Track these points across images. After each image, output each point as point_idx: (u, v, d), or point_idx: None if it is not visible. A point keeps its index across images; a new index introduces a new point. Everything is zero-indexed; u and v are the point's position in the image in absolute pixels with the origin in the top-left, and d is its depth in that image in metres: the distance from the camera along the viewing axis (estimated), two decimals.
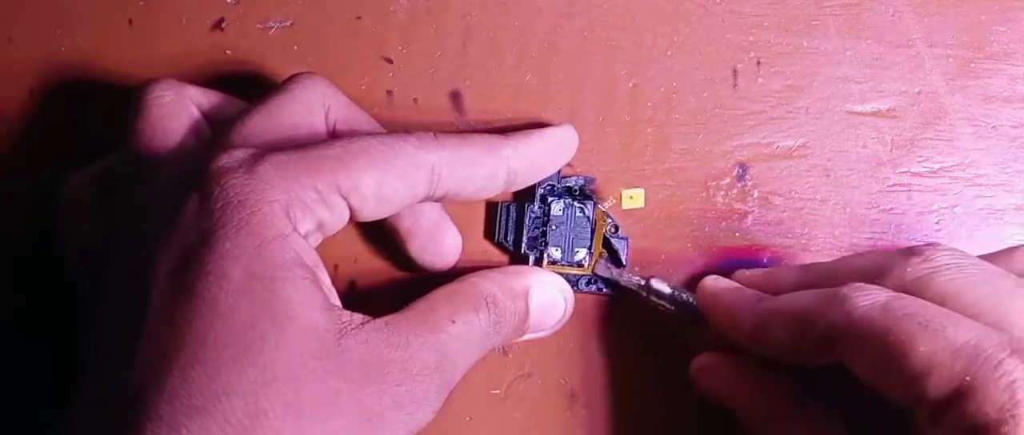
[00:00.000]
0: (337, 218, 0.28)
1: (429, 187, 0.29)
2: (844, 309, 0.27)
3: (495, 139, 0.31)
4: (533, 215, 0.34)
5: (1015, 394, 0.24)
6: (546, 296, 0.32)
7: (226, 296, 0.25)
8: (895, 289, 0.28)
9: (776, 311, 0.29)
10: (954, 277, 0.28)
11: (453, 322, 0.28)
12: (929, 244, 0.29)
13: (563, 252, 0.34)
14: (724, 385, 0.32)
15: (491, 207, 0.35)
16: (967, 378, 0.24)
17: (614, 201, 0.34)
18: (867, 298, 0.27)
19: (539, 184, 0.34)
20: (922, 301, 0.27)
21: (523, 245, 0.34)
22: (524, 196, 0.34)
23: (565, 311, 0.33)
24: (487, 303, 0.29)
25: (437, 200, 0.30)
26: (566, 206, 0.34)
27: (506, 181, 0.31)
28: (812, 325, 0.28)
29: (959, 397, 0.24)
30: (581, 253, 0.34)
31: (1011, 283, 0.28)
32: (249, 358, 0.24)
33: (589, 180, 0.34)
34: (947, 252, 0.29)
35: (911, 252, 0.29)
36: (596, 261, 0.34)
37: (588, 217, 0.34)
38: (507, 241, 0.34)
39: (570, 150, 0.33)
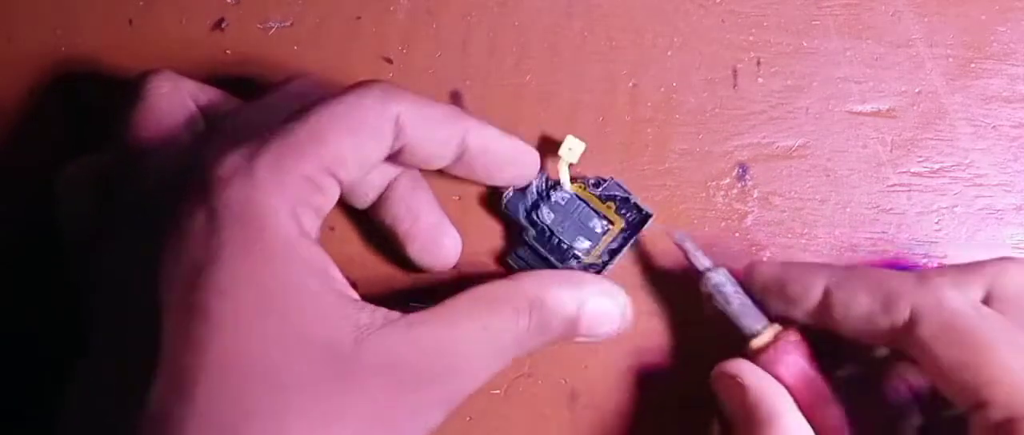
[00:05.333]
0: (330, 196, 0.28)
1: (393, 139, 0.28)
2: (935, 297, 0.27)
3: (457, 109, 0.30)
4: (535, 235, 0.33)
5: None
6: (599, 305, 0.30)
7: (242, 317, 0.25)
8: (985, 291, 0.29)
9: (859, 278, 0.29)
10: None
11: (485, 329, 0.27)
12: (1017, 257, 0.30)
13: (588, 238, 0.33)
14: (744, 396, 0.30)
15: (505, 265, 0.34)
16: None
17: (571, 162, 0.33)
18: (960, 296, 0.27)
19: (517, 214, 0.33)
20: (1007, 318, 0.27)
21: (557, 263, 0.33)
22: (518, 238, 0.34)
23: (621, 320, 0.31)
24: (530, 311, 0.28)
25: (394, 156, 0.29)
26: (551, 207, 0.33)
27: (456, 154, 0.30)
28: (896, 303, 0.28)
29: (1020, 418, 0.25)
30: (598, 225, 0.33)
31: None
32: (270, 379, 0.25)
33: (542, 176, 0.33)
34: None
35: (1008, 260, 0.30)
36: (619, 228, 0.33)
37: (573, 197, 0.34)
38: None
39: (526, 168, 0.32)
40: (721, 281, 0.32)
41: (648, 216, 0.34)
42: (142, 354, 0.25)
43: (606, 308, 0.30)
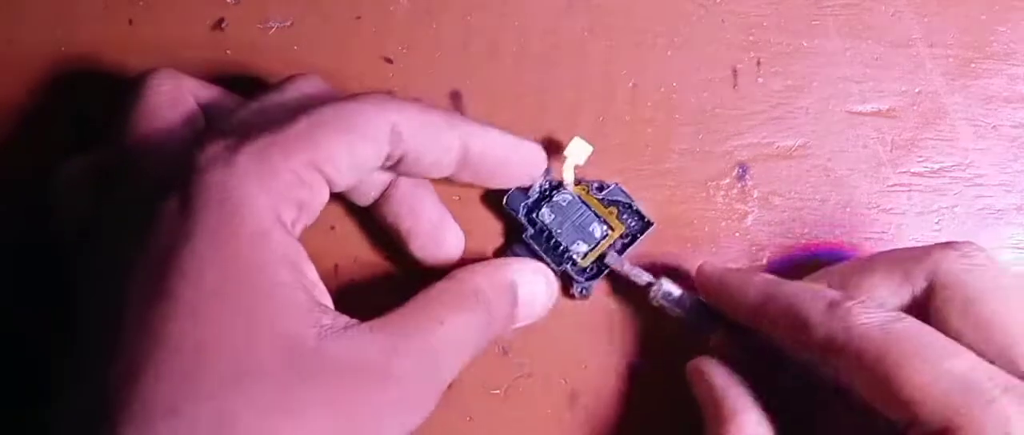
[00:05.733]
0: (317, 195, 0.28)
1: (392, 147, 0.28)
2: (843, 324, 0.27)
3: (456, 114, 0.30)
4: (533, 234, 0.33)
5: (1009, 433, 0.24)
6: (531, 286, 0.31)
7: (200, 299, 0.24)
8: (928, 280, 0.29)
9: (779, 299, 0.29)
10: (986, 281, 0.28)
11: (441, 324, 0.28)
12: (968, 242, 0.29)
13: (586, 242, 0.33)
14: (711, 392, 0.31)
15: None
16: (962, 412, 0.24)
17: (577, 163, 0.33)
18: (868, 316, 0.27)
19: (516, 211, 0.33)
20: (922, 325, 0.27)
21: (552, 264, 0.33)
22: (516, 236, 0.34)
23: (549, 298, 0.32)
24: (478, 300, 0.29)
25: (395, 165, 0.29)
26: (552, 207, 0.33)
27: (460, 159, 0.30)
28: (811, 331, 0.28)
29: (952, 430, 0.25)
30: (598, 230, 0.34)
31: None
32: (221, 362, 0.24)
33: (545, 176, 0.33)
34: (984, 253, 0.29)
35: (949, 246, 0.29)
36: (619, 235, 0.33)
37: (576, 200, 0.34)
38: None
39: (531, 165, 0.32)
40: (667, 291, 0.33)
41: (649, 224, 0.34)
42: (107, 341, 0.25)
43: (536, 289, 0.31)
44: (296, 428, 0.24)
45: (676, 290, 0.33)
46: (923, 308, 0.29)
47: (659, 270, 0.34)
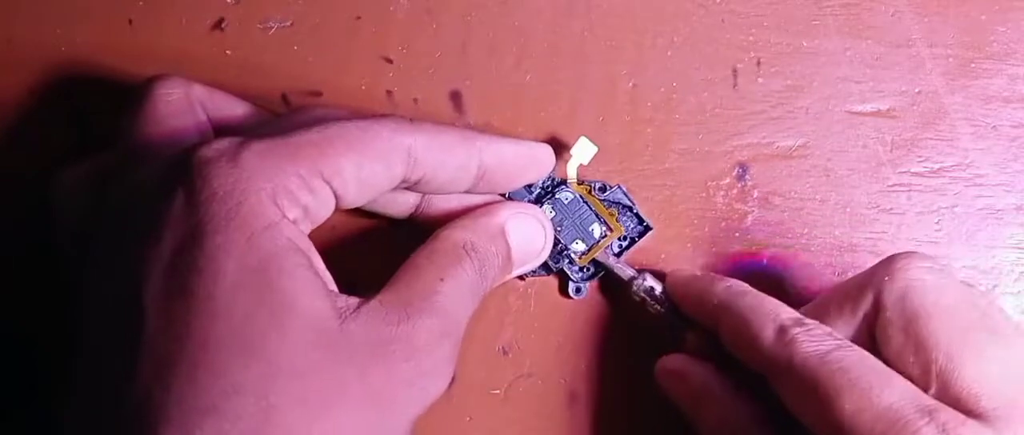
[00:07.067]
0: (322, 204, 0.27)
1: (406, 170, 0.29)
2: (787, 350, 0.28)
3: (470, 131, 0.30)
4: None
5: None
6: (523, 227, 0.32)
7: (222, 292, 0.24)
8: (874, 302, 0.29)
9: (734, 310, 0.30)
10: (926, 300, 0.28)
11: (442, 280, 0.28)
12: (909, 255, 0.30)
13: (585, 241, 0.34)
14: (686, 391, 0.32)
15: None
16: None
17: (581, 163, 0.33)
18: (811, 344, 0.28)
19: None
20: (862, 355, 0.27)
21: (550, 262, 0.33)
22: None
23: (546, 239, 0.33)
24: (467, 252, 0.29)
25: (413, 185, 0.30)
26: (553, 204, 0.33)
27: (477, 175, 0.30)
28: (759, 350, 0.29)
29: None
30: (598, 230, 0.34)
31: (975, 315, 0.28)
32: (253, 354, 0.24)
33: (551, 176, 0.34)
34: (926, 267, 0.29)
35: (892, 262, 0.30)
36: (618, 236, 0.34)
37: (577, 198, 0.34)
38: (535, 271, 0.34)
39: (543, 167, 0.32)
40: (649, 286, 0.33)
41: (648, 228, 0.34)
42: (128, 344, 0.25)
43: (528, 230, 0.32)
44: (336, 415, 0.25)
45: (658, 286, 0.33)
46: (872, 328, 0.29)
47: (645, 267, 0.34)
